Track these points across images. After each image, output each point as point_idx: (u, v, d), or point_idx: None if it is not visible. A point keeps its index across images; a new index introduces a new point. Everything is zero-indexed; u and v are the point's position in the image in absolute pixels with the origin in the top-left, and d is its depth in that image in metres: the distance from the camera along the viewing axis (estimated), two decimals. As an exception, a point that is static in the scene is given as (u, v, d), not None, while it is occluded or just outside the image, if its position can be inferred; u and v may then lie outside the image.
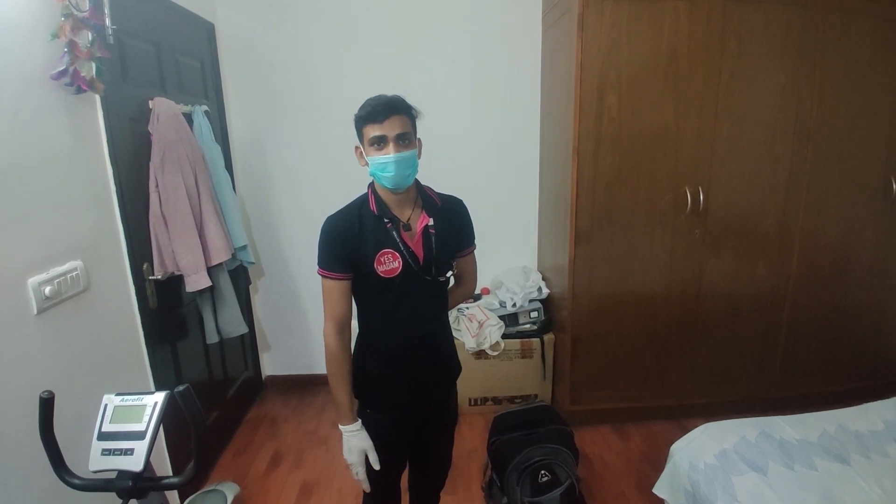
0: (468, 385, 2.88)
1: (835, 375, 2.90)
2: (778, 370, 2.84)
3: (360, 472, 1.49)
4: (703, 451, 1.77)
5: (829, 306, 2.80)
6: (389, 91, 1.39)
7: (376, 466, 1.49)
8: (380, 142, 1.33)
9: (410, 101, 1.38)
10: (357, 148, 1.42)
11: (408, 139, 1.35)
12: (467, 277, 1.66)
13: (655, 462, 2.42)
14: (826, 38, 2.45)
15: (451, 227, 1.50)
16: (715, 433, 1.84)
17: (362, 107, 1.35)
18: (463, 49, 2.96)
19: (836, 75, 2.50)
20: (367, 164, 1.39)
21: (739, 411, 2.29)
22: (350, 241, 1.38)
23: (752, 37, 2.41)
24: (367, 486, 1.52)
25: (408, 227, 1.42)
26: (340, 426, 1.47)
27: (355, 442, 1.47)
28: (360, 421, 1.48)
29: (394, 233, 1.40)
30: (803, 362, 2.85)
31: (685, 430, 1.95)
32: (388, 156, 1.32)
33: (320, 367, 3.27)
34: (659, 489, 1.90)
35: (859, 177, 2.65)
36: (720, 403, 2.79)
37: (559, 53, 2.65)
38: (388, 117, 1.31)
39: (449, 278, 1.53)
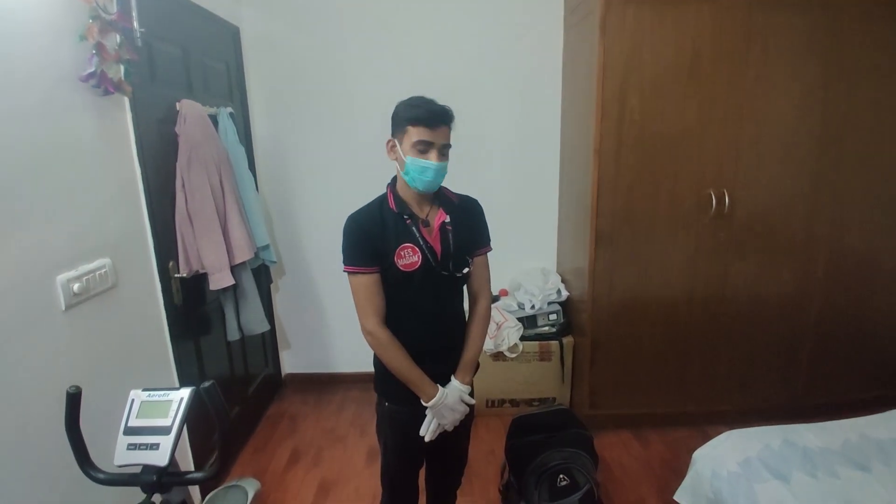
0: (486, 387, 2.87)
1: (860, 383, 2.83)
2: (803, 377, 2.78)
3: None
4: (727, 458, 1.74)
5: (854, 312, 2.73)
6: (412, 90, 1.40)
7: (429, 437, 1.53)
8: (426, 146, 1.36)
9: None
10: (390, 142, 1.43)
11: (447, 150, 1.40)
12: (480, 286, 1.63)
13: (676, 469, 2.38)
14: (850, 41, 2.40)
15: (467, 224, 1.54)
16: (738, 441, 1.81)
17: (413, 105, 1.37)
18: (484, 50, 2.96)
19: (861, 78, 2.45)
20: (396, 158, 1.41)
21: (764, 419, 2.23)
22: (374, 236, 1.42)
23: (776, 39, 2.37)
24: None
25: (426, 224, 1.47)
26: (431, 402, 1.48)
27: (451, 400, 1.50)
28: (439, 386, 1.51)
29: (413, 228, 1.44)
30: (829, 369, 2.78)
31: (707, 437, 1.92)
32: (432, 163, 1.37)
33: (339, 366, 3.35)
34: (680, 496, 1.87)
35: (885, 180, 2.58)
36: (744, 411, 2.72)
37: (581, 55, 2.64)
38: (440, 126, 1.36)
39: (466, 274, 1.55)
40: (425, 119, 1.34)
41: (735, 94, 2.40)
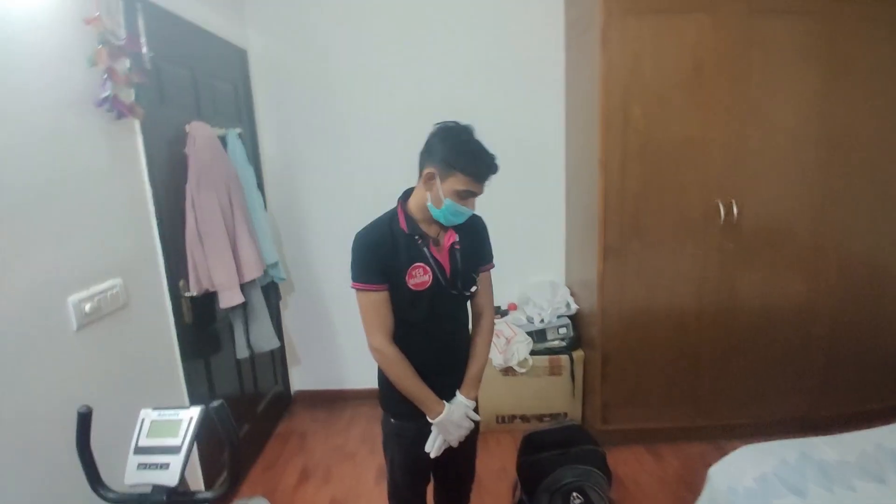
0: (496, 403, 2.85)
1: (875, 392, 2.78)
2: (817, 388, 2.73)
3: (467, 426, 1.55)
4: (743, 474, 1.70)
5: (866, 321, 2.69)
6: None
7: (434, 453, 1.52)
8: (469, 195, 1.41)
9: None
10: (429, 172, 1.40)
11: None
12: (484, 302, 1.64)
13: (691, 484, 2.33)
14: (849, 47, 2.40)
15: (473, 243, 1.56)
16: (754, 456, 1.77)
17: (471, 154, 1.39)
18: (487, 67, 2.98)
19: (862, 84, 2.45)
20: (431, 190, 1.41)
21: (779, 431, 2.20)
22: (384, 254, 1.43)
23: (776, 47, 2.38)
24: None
25: (437, 243, 1.48)
26: (437, 419, 1.48)
27: (456, 416, 1.50)
28: (444, 402, 1.51)
29: (424, 248, 1.45)
30: (843, 380, 2.73)
31: (722, 452, 1.89)
32: (469, 210, 1.45)
33: (348, 382, 3.34)
34: (696, 513, 1.84)
35: (891, 183, 2.57)
36: (758, 424, 2.68)
37: (583, 68, 2.65)
38: (486, 180, 1.42)
39: (473, 293, 1.56)
40: (479, 174, 1.39)
41: (737, 102, 2.41)
